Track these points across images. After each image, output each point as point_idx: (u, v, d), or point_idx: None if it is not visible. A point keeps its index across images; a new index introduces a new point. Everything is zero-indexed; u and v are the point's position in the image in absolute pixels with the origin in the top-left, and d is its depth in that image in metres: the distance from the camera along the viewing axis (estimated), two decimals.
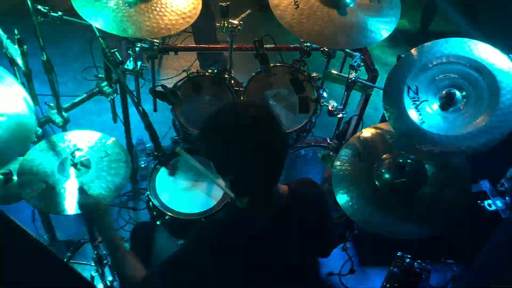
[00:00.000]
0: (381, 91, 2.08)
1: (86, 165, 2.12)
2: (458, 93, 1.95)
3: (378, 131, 2.26)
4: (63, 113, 2.49)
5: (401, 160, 2.09)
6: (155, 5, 2.20)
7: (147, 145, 3.12)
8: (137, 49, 2.48)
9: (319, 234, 1.66)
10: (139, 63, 2.55)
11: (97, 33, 2.23)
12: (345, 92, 2.50)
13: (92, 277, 2.41)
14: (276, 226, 1.53)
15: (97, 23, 2.11)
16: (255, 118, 1.38)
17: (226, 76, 2.58)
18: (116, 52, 2.22)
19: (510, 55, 1.95)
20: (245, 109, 1.40)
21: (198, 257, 1.49)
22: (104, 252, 2.27)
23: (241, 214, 1.55)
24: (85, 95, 2.78)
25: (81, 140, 2.20)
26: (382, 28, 2.23)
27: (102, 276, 2.38)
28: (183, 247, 1.57)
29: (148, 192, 2.42)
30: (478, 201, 2.40)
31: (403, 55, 2.16)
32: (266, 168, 1.43)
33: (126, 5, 2.17)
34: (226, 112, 1.43)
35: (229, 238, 1.50)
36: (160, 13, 2.18)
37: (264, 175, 1.44)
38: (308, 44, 2.60)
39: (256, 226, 1.52)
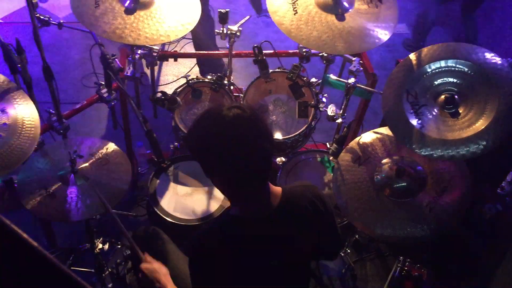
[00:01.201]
0: (381, 96, 2.08)
1: (86, 172, 2.12)
2: (456, 97, 1.96)
3: (378, 135, 2.26)
4: (63, 120, 2.50)
5: (400, 165, 2.09)
6: (154, 12, 2.21)
7: (147, 151, 3.13)
8: (137, 56, 2.49)
9: (320, 234, 1.66)
10: (138, 70, 2.56)
11: (96, 40, 2.24)
12: (345, 97, 2.51)
13: (93, 284, 2.41)
14: (269, 229, 1.53)
15: (96, 30, 2.12)
16: (238, 117, 1.38)
17: (225, 82, 2.59)
18: (116, 59, 2.23)
19: (509, 59, 1.96)
20: (228, 110, 1.40)
21: (201, 268, 1.52)
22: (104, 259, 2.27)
23: (232, 220, 1.55)
24: (85, 102, 2.79)
25: (81, 147, 2.21)
26: (380, 33, 2.24)
27: (103, 283, 2.38)
28: (188, 264, 1.58)
29: (148, 199, 2.43)
30: (479, 205, 2.40)
31: (402, 60, 2.17)
32: (252, 167, 1.42)
33: (126, 12, 2.18)
34: (210, 113, 1.44)
35: (221, 246, 1.50)
36: (160, 20, 2.19)
37: (251, 174, 1.44)
38: (307, 49, 2.61)
39: (248, 230, 1.51)
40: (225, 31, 2.50)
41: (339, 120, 2.58)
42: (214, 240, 1.53)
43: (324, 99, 2.61)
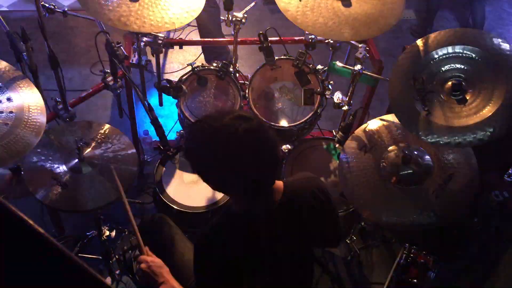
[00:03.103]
0: (387, 83, 2.07)
1: (93, 158, 2.13)
2: (464, 84, 1.94)
3: (384, 123, 2.26)
4: (69, 108, 2.50)
5: (407, 152, 2.08)
6: None
7: (153, 139, 3.14)
8: (142, 43, 2.49)
9: (322, 225, 1.66)
10: (144, 58, 2.56)
11: (102, 27, 2.23)
12: (351, 84, 2.49)
13: (101, 271, 2.43)
14: (272, 224, 1.54)
15: (101, 18, 2.12)
16: (248, 131, 1.36)
17: (231, 69, 2.58)
18: (121, 47, 2.23)
19: None
20: (238, 124, 1.36)
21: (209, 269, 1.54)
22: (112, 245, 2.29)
23: (235, 219, 1.55)
24: (91, 90, 2.79)
25: (86, 133, 2.21)
26: (387, 19, 2.21)
27: (111, 270, 2.40)
28: (193, 264, 1.59)
29: (154, 186, 2.44)
30: (485, 192, 2.40)
31: (408, 46, 2.15)
32: (263, 177, 1.44)
33: None
34: (215, 131, 1.38)
35: (226, 247, 1.51)
36: (164, 8, 2.18)
37: (261, 183, 1.45)
38: (313, 36, 2.59)
39: (251, 227, 1.52)
40: (230, 18, 2.48)
41: (345, 107, 2.57)
42: (218, 242, 1.53)
43: (330, 86, 2.60)
